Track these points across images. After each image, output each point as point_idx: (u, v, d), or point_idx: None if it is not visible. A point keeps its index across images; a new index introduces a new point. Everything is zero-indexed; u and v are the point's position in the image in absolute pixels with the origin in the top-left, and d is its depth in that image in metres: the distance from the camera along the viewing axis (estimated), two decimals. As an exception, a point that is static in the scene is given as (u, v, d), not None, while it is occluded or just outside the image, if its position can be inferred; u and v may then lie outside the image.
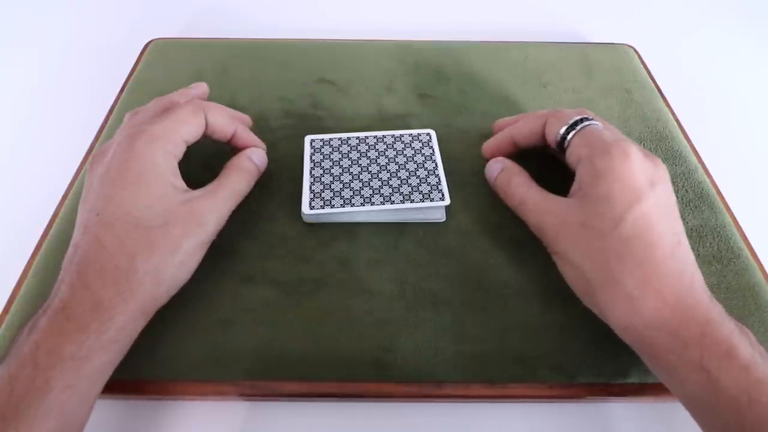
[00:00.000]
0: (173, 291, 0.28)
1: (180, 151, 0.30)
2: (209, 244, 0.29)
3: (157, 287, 0.26)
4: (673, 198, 0.28)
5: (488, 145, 0.36)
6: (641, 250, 0.25)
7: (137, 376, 0.28)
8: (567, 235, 0.28)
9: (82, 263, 0.25)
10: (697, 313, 0.24)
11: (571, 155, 0.30)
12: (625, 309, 0.25)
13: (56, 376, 0.22)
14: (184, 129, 0.30)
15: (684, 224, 0.34)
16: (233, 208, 0.30)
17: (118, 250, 0.25)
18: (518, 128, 0.34)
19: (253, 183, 0.33)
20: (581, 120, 0.30)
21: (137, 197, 0.26)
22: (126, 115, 0.33)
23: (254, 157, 0.33)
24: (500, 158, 0.34)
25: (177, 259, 0.27)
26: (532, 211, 0.30)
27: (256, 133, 0.38)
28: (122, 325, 0.25)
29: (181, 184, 0.29)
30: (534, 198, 0.30)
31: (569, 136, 0.30)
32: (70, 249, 0.27)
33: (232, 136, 0.33)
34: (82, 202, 0.28)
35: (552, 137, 0.32)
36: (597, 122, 0.31)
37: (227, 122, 0.32)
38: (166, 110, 0.30)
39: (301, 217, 0.34)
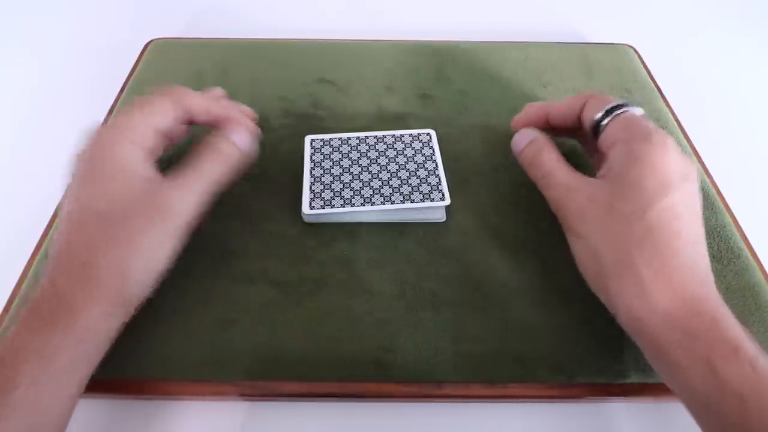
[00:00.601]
0: (145, 285, 0.26)
1: (151, 141, 0.28)
2: (183, 235, 0.28)
3: (123, 282, 0.25)
4: (700, 199, 0.27)
5: (519, 118, 0.35)
6: (662, 240, 0.25)
7: (137, 376, 0.28)
8: (590, 216, 0.27)
9: (53, 262, 0.25)
10: (707, 308, 0.24)
11: (606, 138, 0.29)
12: (636, 297, 0.25)
13: (22, 373, 0.22)
14: (153, 118, 0.29)
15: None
16: (209, 195, 0.29)
17: (82, 246, 0.25)
18: (555, 104, 0.33)
19: (234, 165, 0.30)
20: (623, 105, 0.30)
21: (99, 191, 0.26)
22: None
23: (235, 137, 0.30)
24: (530, 129, 0.33)
25: (140, 250, 0.26)
26: (558, 186, 0.29)
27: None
28: (90, 323, 0.24)
29: (151, 174, 0.27)
30: (561, 172, 0.30)
31: (607, 120, 0.30)
32: (50, 247, 0.27)
33: (219, 115, 0.31)
34: (62, 201, 0.28)
35: (589, 118, 0.31)
36: (636, 108, 0.30)
37: (206, 100, 0.31)
38: (141, 101, 0.30)
39: (301, 217, 0.34)
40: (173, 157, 0.31)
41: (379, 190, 0.34)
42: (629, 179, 0.27)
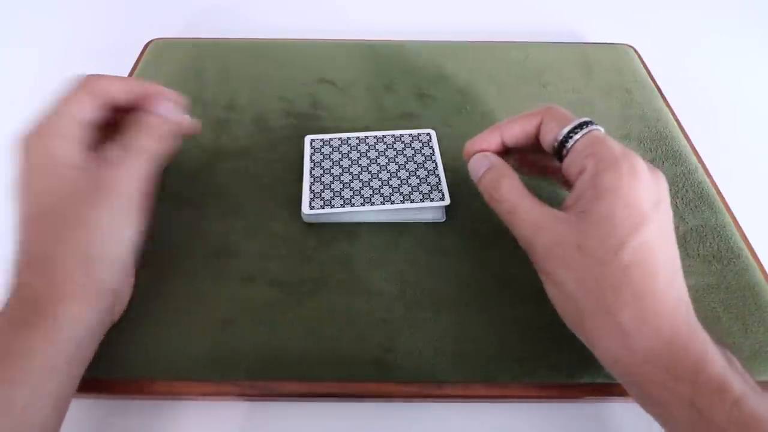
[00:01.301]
0: (115, 271, 0.26)
1: (75, 130, 0.28)
2: (134, 214, 0.27)
3: (86, 268, 0.25)
4: (671, 216, 0.26)
5: (471, 143, 0.31)
6: (640, 280, 0.23)
7: (137, 375, 0.28)
8: (560, 257, 0.25)
9: (17, 264, 0.25)
10: (692, 347, 0.23)
11: (572, 164, 0.26)
12: (617, 342, 0.24)
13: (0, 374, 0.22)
14: (71, 109, 0.28)
15: (684, 224, 0.35)
16: (148, 170, 0.28)
17: (38, 242, 0.25)
18: (508, 128, 0.30)
19: (165, 137, 0.30)
20: (583, 124, 0.27)
21: (39, 189, 0.26)
22: None
23: (160, 110, 0.30)
24: (487, 154, 0.30)
25: (96, 234, 0.25)
26: (523, 224, 0.27)
27: (256, 133, 0.38)
28: (65, 315, 0.24)
29: (85, 162, 0.27)
30: (526, 208, 0.27)
31: (570, 143, 0.27)
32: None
33: (140, 93, 0.30)
34: None
35: (549, 140, 0.28)
36: (599, 127, 0.27)
37: (121, 81, 0.30)
38: (60, 95, 0.30)
39: (301, 217, 0.34)
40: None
41: (379, 190, 0.34)
42: (599, 215, 0.24)
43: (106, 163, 0.27)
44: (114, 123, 0.30)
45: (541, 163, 0.32)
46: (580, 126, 0.27)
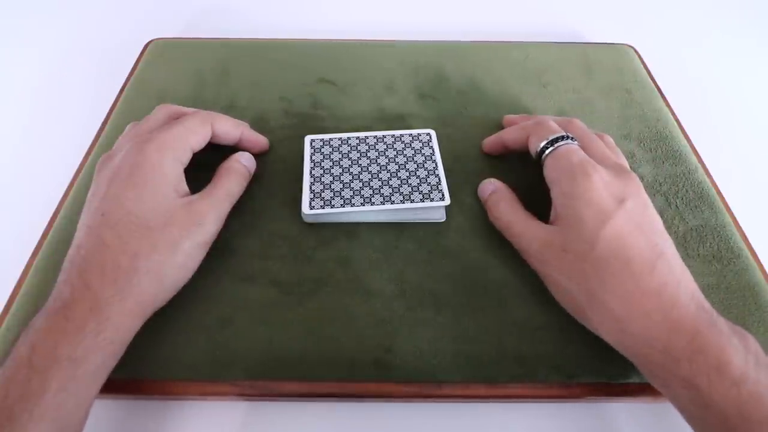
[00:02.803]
0: (172, 292, 0.28)
1: (186, 158, 0.31)
2: (209, 246, 0.30)
3: (156, 287, 0.27)
4: (649, 210, 0.28)
5: (485, 142, 0.38)
6: (618, 268, 0.26)
7: (137, 376, 0.28)
8: (551, 260, 0.28)
9: (84, 263, 0.25)
10: (685, 327, 0.24)
11: (547, 177, 0.31)
12: (614, 328, 0.26)
13: (51, 378, 0.22)
14: (192, 138, 0.31)
15: (684, 224, 0.35)
16: (229, 210, 0.31)
17: (121, 249, 0.26)
18: (509, 134, 0.36)
19: (245, 184, 0.34)
20: (556, 139, 0.31)
21: (142, 199, 0.27)
22: (129, 125, 0.34)
23: (243, 160, 0.34)
24: (493, 180, 0.35)
25: (177, 259, 0.27)
26: (517, 236, 0.31)
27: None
28: (120, 327, 0.25)
29: (185, 189, 0.30)
30: (519, 223, 0.31)
31: (544, 155, 0.31)
32: (72, 249, 0.27)
33: (239, 140, 0.36)
34: (88, 203, 0.29)
35: (532, 152, 0.33)
36: (572, 141, 0.31)
37: (232, 128, 0.35)
38: (175, 119, 0.32)
39: (301, 217, 0.34)
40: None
41: (379, 190, 0.34)
42: (570, 219, 0.28)
43: (201, 197, 0.30)
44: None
45: None
46: (553, 141, 0.31)
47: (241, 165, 0.34)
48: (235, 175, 0.33)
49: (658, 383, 0.25)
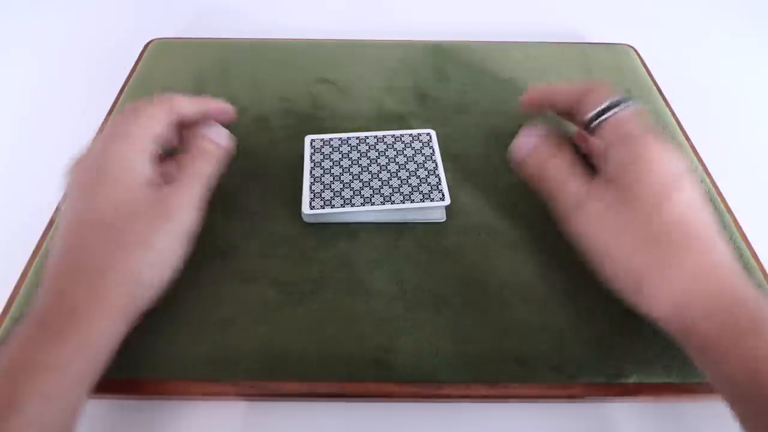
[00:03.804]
0: (156, 290, 0.27)
1: (153, 146, 0.29)
2: (189, 235, 0.28)
3: (133, 287, 0.25)
4: (702, 189, 0.27)
5: (526, 97, 0.34)
6: (690, 240, 0.25)
7: (137, 376, 0.28)
8: (606, 218, 0.27)
9: (57, 269, 0.25)
10: (745, 303, 0.24)
11: (608, 134, 0.28)
12: (676, 299, 0.25)
13: (32, 389, 0.22)
14: (152, 123, 0.29)
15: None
16: (203, 194, 0.29)
17: (89, 252, 0.25)
18: (559, 88, 0.32)
19: (219, 163, 0.31)
20: (617, 103, 0.29)
21: (106, 198, 0.26)
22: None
23: (211, 135, 0.32)
24: (535, 130, 0.32)
25: (150, 255, 0.26)
26: (571, 194, 0.28)
27: (256, 133, 0.38)
28: (100, 330, 0.24)
29: (152, 179, 0.28)
30: (575, 180, 0.28)
31: (599, 120, 0.29)
32: (49, 257, 0.26)
33: (207, 112, 0.33)
34: (61, 209, 0.28)
35: (590, 110, 0.29)
36: (633, 105, 0.29)
37: (193, 103, 0.32)
38: (133, 111, 0.30)
39: (301, 217, 0.34)
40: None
41: (379, 190, 0.34)
42: (639, 176, 0.26)
43: (169, 186, 0.28)
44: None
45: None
46: (613, 105, 0.29)
47: (209, 142, 0.31)
48: (205, 156, 0.31)
49: (708, 360, 0.24)
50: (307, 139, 0.37)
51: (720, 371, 0.24)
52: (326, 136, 0.37)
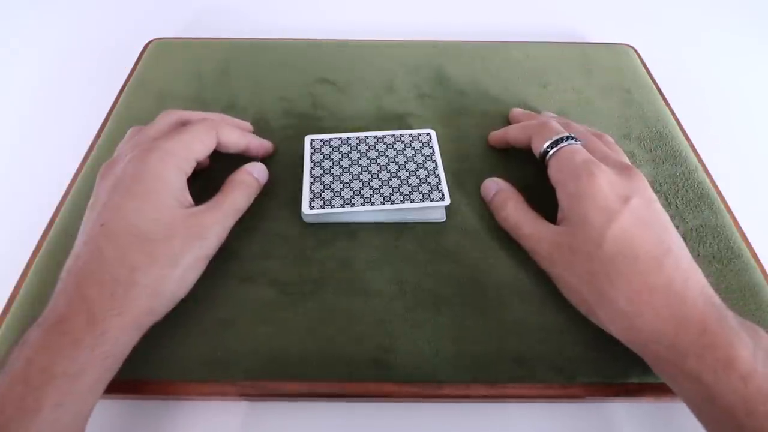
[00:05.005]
0: (170, 305, 0.27)
1: (190, 167, 0.30)
2: (209, 259, 0.29)
3: (154, 300, 0.26)
4: (654, 207, 0.28)
5: (490, 136, 0.38)
6: (625, 266, 0.26)
7: (137, 376, 0.28)
8: (560, 260, 0.29)
9: (81, 274, 0.25)
10: (692, 323, 0.24)
11: (551, 177, 0.31)
12: (623, 325, 0.26)
13: (47, 395, 0.22)
14: (197, 147, 0.31)
15: (684, 224, 0.35)
16: (233, 223, 0.31)
17: (119, 262, 0.25)
18: (513, 133, 0.36)
19: (253, 197, 0.33)
20: (559, 140, 0.31)
21: (144, 210, 0.27)
22: (130, 130, 0.33)
23: (254, 172, 0.33)
24: (496, 179, 0.35)
25: (177, 273, 0.26)
26: (526, 236, 0.31)
27: (256, 134, 0.38)
28: (117, 341, 0.24)
29: (188, 200, 0.29)
30: (528, 224, 0.31)
31: (547, 157, 0.32)
32: (70, 259, 0.26)
33: (246, 149, 0.35)
34: (88, 212, 0.28)
35: (536, 153, 0.33)
36: (574, 141, 0.31)
37: (239, 137, 0.34)
38: (180, 127, 0.31)
39: (301, 217, 0.34)
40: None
41: (379, 190, 0.34)
42: (576, 219, 0.28)
43: (205, 208, 0.29)
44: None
45: None
46: (556, 142, 0.31)
47: (252, 178, 0.33)
48: (243, 188, 0.32)
49: (666, 378, 0.25)
50: (307, 139, 0.37)
51: (677, 390, 0.25)
52: (326, 136, 0.37)
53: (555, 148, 0.31)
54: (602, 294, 0.26)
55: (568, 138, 0.31)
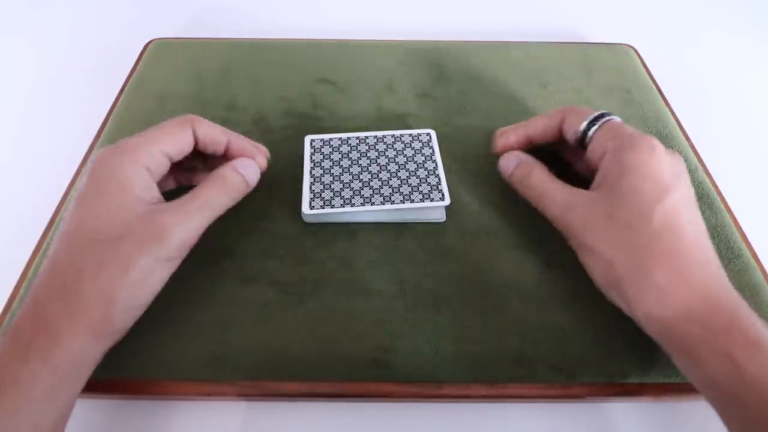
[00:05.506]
0: (133, 312, 0.26)
1: (157, 163, 0.28)
2: (177, 262, 0.27)
3: (108, 307, 0.24)
4: (693, 191, 0.28)
5: (501, 137, 0.34)
6: (670, 241, 0.26)
7: (137, 375, 0.28)
8: (594, 228, 0.27)
9: (38, 280, 0.24)
10: (725, 302, 0.24)
11: (595, 150, 0.30)
12: (656, 300, 0.25)
13: (1, 401, 0.21)
14: (165, 139, 0.28)
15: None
16: (207, 224, 0.28)
17: (68, 266, 0.24)
18: (533, 125, 0.34)
19: (237, 196, 0.30)
20: (602, 115, 0.30)
21: (96, 211, 0.25)
22: None
23: (240, 168, 0.30)
24: (515, 152, 0.33)
25: (131, 276, 0.24)
26: (555, 204, 0.30)
27: (256, 133, 0.38)
28: (70, 348, 0.23)
29: (152, 197, 0.27)
30: (555, 190, 0.30)
31: (591, 131, 0.30)
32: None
33: (227, 148, 0.31)
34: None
35: (572, 132, 0.31)
36: (616, 118, 0.31)
37: (218, 133, 0.31)
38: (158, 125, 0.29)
39: (301, 217, 0.34)
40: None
41: (379, 190, 0.34)
42: (625, 188, 0.27)
43: (171, 206, 0.26)
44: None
45: (563, 155, 0.36)
46: (599, 117, 0.30)
47: (237, 174, 0.30)
48: (221, 185, 0.29)
49: (689, 360, 0.25)
50: (307, 139, 0.37)
51: (700, 371, 0.24)
52: (326, 136, 0.37)
53: (601, 121, 0.30)
54: (641, 266, 0.25)
55: (608, 114, 0.31)
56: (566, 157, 0.36)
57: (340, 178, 0.34)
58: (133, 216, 0.25)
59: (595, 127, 0.30)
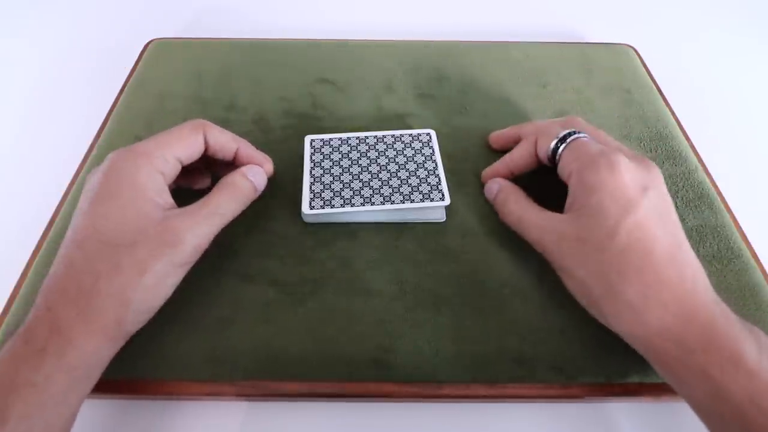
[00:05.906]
0: (145, 316, 0.26)
1: (170, 168, 0.28)
2: (189, 266, 0.27)
3: (122, 311, 0.24)
4: (668, 200, 0.28)
5: (485, 174, 0.36)
6: (639, 259, 0.25)
7: (137, 376, 0.28)
8: (566, 251, 0.28)
9: (49, 284, 0.24)
10: (700, 318, 0.24)
11: (563, 169, 0.30)
12: (630, 319, 0.25)
13: (12, 405, 0.21)
14: (177, 145, 0.29)
15: (684, 224, 0.35)
16: (218, 229, 0.28)
17: (83, 270, 0.24)
18: (512, 159, 0.35)
19: (247, 202, 0.31)
20: (568, 134, 0.31)
21: (111, 215, 0.25)
22: None
23: (250, 175, 0.31)
24: (497, 179, 0.35)
25: (145, 281, 0.25)
26: (531, 228, 0.30)
27: (256, 133, 0.38)
28: (84, 350, 0.23)
29: (168, 202, 0.28)
30: (531, 215, 0.30)
31: (559, 151, 0.31)
32: (51, 268, 0.26)
33: (236, 155, 0.32)
34: (71, 221, 0.27)
35: (543, 155, 0.32)
36: (583, 134, 0.31)
37: (228, 139, 0.31)
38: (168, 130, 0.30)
39: (301, 217, 0.34)
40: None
41: (379, 190, 0.34)
42: (590, 209, 0.27)
43: (184, 212, 0.27)
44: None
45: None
46: (567, 136, 0.31)
47: (246, 181, 0.30)
48: (232, 191, 0.30)
49: (669, 375, 0.25)
50: (307, 139, 0.37)
51: (685, 390, 0.24)
52: (326, 136, 0.37)
53: (566, 142, 0.30)
54: (611, 286, 0.25)
55: (575, 132, 0.31)
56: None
57: (340, 178, 0.34)
58: (149, 221, 0.26)
59: (563, 146, 0.31)
